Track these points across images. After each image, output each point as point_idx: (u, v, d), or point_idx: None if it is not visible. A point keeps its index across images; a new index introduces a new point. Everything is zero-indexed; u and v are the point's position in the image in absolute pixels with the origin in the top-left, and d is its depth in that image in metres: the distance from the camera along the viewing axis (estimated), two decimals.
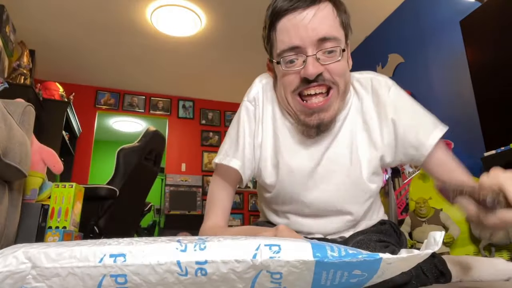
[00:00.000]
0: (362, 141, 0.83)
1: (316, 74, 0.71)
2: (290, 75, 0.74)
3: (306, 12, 0.71)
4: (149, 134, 2.22)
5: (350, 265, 0.38)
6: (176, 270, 0.36)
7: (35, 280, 0.36)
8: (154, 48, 3.76)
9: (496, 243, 1.31)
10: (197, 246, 0.38)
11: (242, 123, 0.87)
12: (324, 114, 0.74)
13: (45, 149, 1.44)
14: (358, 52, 3.74)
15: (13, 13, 2.96)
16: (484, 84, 1.97)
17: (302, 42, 0.71)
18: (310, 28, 0.70)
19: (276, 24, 0.74)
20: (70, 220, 1.26)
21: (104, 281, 0.36)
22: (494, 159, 1.79)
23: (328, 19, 0.73)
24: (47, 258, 0.37)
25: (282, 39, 0.73)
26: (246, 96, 0.89)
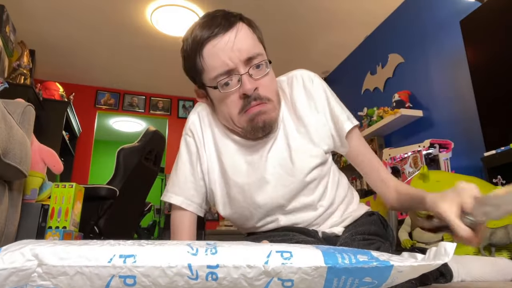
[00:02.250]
0: (298, 139, 0.87)
1: (253, 89, 0.76)
2: (230, 97, 0.78)
3: (227, 36, 0.76)
4: (149, 134, 2.21)
5: (362, 271, 0.38)
6: (187, 273, 0.36)
7: (41, 278, 0.35)
8: (154, 48, 3.76)
9: (496, 243, 1.30)
10: (208, 250, 0.37)
11: (181, 158, 0.92)
12: (265, 116, 0.79)
13: (45, 149, 1.44)
14: (358, 52, 3.74)
15: (13, 13, 2.96)
16: (484, 84, 1.97)
17: (233, 63, 0.75)
18: (236, 49, 0.75)
19: (201, 51, 0.78)
20: (70, 220, 1.26)
21: (112, 281, 0.35)
22: (494, 159, 1.79)
23: (248, 38, 0.78)
24: (55, 256, 0.36)
25: (212, 64, 0.77)
26: (184, 130, 0.95)
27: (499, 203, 0.57)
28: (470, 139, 2.24)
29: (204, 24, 0.79)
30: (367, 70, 3.50)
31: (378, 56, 3.34)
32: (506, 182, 1.65)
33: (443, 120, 2.54)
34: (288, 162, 0.85)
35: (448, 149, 2.10)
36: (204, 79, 0.82)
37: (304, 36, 3.52)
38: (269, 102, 0.80)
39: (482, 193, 0.59)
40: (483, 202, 0.58)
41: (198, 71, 0.82)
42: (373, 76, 3.39)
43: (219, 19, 0.78)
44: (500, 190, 0.59)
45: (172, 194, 0.91)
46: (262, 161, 0.86)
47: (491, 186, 1.55)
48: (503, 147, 1.76)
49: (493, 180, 1.67)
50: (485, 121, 1.93)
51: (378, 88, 3.30)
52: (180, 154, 0.93)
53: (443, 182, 1.59)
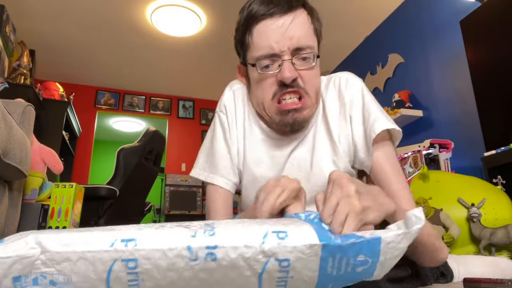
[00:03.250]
0: (324, 144, 0.82)
1: (292, 78, 0.72)
2: (267, 80, 0.75)
3: (283, 19, 0.72)
4: (149, 134, 2.22)
5: (354, 248, 0.39)
6: (187, 255, 0.36)
7: (45, 265, 0.36)
8: (154, 48, 3.76)
9: (496, 243, 1.30)
10: (206, 232, 0.38)
11: (216, 135, 0.88)
12: (298, 114, 0.75)
13: (45, 149, 1.44)
14: (358, 52, 3.74)
15: (13, 13, 2.96)
16: (484, 84, 1.97)
17: (279, 49, 0.72)
18: (288, 36, 0.71)
19: (252, 28, 0.75)
20: (70, 220, 1.26)
21: (115, 265, 0.36)
22: (494, 159, 1.79)
23: (303, 27, 0.74)
24: (58, 242, 0.37)
25: (259, 44, 0.74)
26: (218, 106, 0.90)
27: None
28: (470, 139, 2.24)
29: (262, 0, 0.74)
30: (367, 70, 3.50)
31: (378, 56, 3.34)
32: (506, 182, 1.65)
33: (443, 120, 2.54)
34: (308, 167, 0.81)
35: (448, 149, 2.10)
36: (247, 56, 0.78)
37: None
38: (307, 96, 0.75)
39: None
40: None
41: (244, 46, 0.78)
42: (373, 76, 3.39)
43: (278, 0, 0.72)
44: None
45: (209, 173, 0.87)
46: (283, 158, 0.83)
47: (491, 186, 1.55)
48: (503, 147, 1.76)
49: (493, 180, 1.67)
50: (485, 121, 1.93)
51: (378, 88, 3.30)
52: (215, 131, 0.89)
53: (443, 182, 1.59)
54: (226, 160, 0.86)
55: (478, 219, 1.34)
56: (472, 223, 1.36)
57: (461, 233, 1.37)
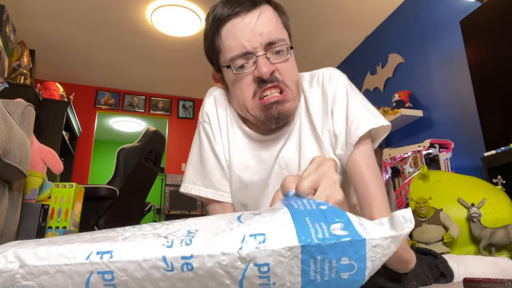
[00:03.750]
0: (309, 142, 0.80)
1: (269, 73, 0.70)
2: (244, 79, 0.73)
3: (249, 16, 0.71)
4: (149, 134, 2.22)
5: (336, 249, 0.37)
6: (162, 265, 0.36)
7: (24, 279, 0.37)
8: (154, 48, 3.76)
9: (496, 243, 1.30)
10: (183, 242, 0.38)
11: (204, 146, 0.86)
12: (282, 106, 0.73)
13: (45, 149, 1.44)
14: (358, 52, 3.74)
15: (13, 13, 2.96)
16: (484, 84, 1.97)
17: (251, 46, 0.70)
18: (257, 32, 0.70)
19: (220, 30, 0.74)
20: (70, 220, 1.26)
21: (91, 278, 0.36)
22: (494, 159, 1.79)
23: (271, 22, 0.73)
24: (36, 256, 0.37)
25: (230, 45, 0.72)
26: (200, 117, 0.88)
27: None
28: (470, 139, 2.24)
29: (227, 1, 0.74)
30: (367, 70, 3.50)
31: (378, 56, 3.34)
32: (506, 182, 1.65)
33: (443, 120, 2.54)
34: (296, 167, 0.79)
35: (448, 149, 2.10)
36: (220, 60, 0.77)
37: (304, 35, 3.51)
38: (287, 88, 0.73)
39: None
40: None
41: (215, 51, 0.77)
42: (373, 76, 3.39)
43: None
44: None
45: (202, 187, 0.85)
46: (270, 160, 0.81)
47: (491, 186, 1.55)
48: (503, 147, 1.76)
49: (493, 180, 1.67)
50: (485, 121, 1.93)
51: (378, 88, 3.30)
52: (201, 142, 0.87)
53: (443, 182, 1.59)
54: (218, 172, 0.84)
55: (478, 219, 1.34)
56: (472, 223, 1.36)
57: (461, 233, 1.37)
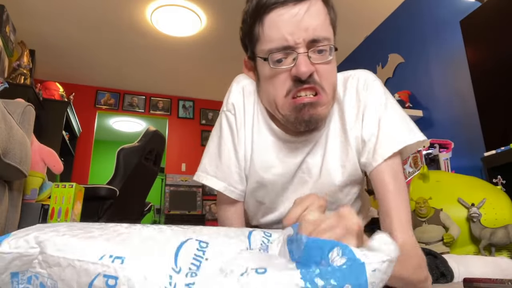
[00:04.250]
0: (335, 148, 0.77)
1: (309, 73, 0.65)
2: (280, 75, 0.68)
3: (298, 8, 0.65)
4: (149, 134, 2.22)
5: (337, 274, 0.34)
6: (166, 286, 0.35)
7: (40, 265, 0.37)
8: (154, 48, 3.76)
9: (496, 243, 1.30)
10: (188, 274, 0.37)
11: (224, 137, 0.81)
12: (314, 110, 0.68)
13: (45, 149, 1.44)
14: (358, 52, 3.74)
15: (13, 13, 2.96)
16: (484, 84, 1.97)
17: (293, 41, 0.65)
18: (303, 27, 0.65)
19: (263, 18, 0.68)
20: (70, 220, 1.26)
21: (96, 280, 0.36)
22: (494, 159, 1.79)
23: (319, 17, 0.67)
24: (55, 246, 0.37)
25: (271, 35, 0.67)
26: (225, 105, 0.83)
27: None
28: (470, 139, 2.24)
29: None
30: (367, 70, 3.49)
31: (378, 56, 3.34)
32: (506, 182, 1.65)
33: (443, 120, 2.54)
34: (317, 174, 0.76)
35: (448, 149, 2.10)
36: (256, 49, 0.71)
37: None
38: (323, 92, 0.68)
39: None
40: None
41: (253, 38, 0.71)
42: None
43: None
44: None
45: (214, 178, 0.81)
46: (294, 165, 0.77)
47: (491, 186, 1.55)
48: (503, 147, 1.76)
49: (493, 180, 1.67)
50: (485, 121, 1.93)
51: None
52: (222, 133, 0.81)
53: (443, 182, 1.59)
54: (234, 167, 0.80)
55: (478, 219, 1.34)
56: (472, 223, 1.36)
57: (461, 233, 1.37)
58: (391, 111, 0.74)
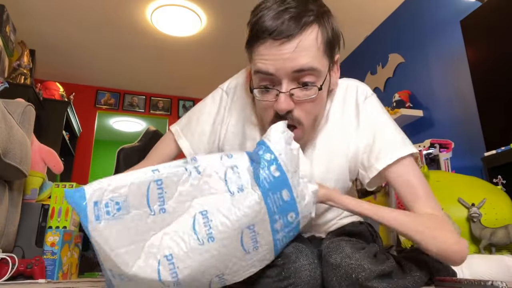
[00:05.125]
0: (322, 156, 0.80)
1: (286, 110, 0.70)
2: (265, 104, 0.73)
3: (287, 45, 0.66)
4: (149, 134, 2.21)
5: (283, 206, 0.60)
6: (185, 173, 0.59)
7: (112, 192, 0.54)
8: (154, 48, 3.76)
9: (496, 243, 1.30)
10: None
11: (208, 108, 0.88)
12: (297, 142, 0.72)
13: (45, 149, 1.44)
14: (358, 52, 3.74)
15: (13, 13, 2.96)
16: (485, 83, 1.97)
17: (276, 72, 0.68)
18: (288, 58, 0.67)
19: (256, 46, 0.70)
20: (70, 220, 1.26)
21: (150, 185, 0.55)
22: (494, 159, 1.79)
23: (310, 51, 0.68)
24: (118, 179, 0.55)
25: (257, 63, 0.70)
26: (226, 84, 0.89)
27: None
28: (470, 139, 2.24)
29: (273, 11, 0.67)
30: (367, 70, 3.50)
31: (378, 56, 3.34)
32: (506, 182, 1.65)
33: (444, 120, 2.54)
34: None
35: (448, 149, 2.10)
36: (252, 65, 0.75)
37: None
38: (300, 126, 0.73)
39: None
40: None
41: (250, 54, 0.75)
42: (374, 76, 3.39)
43: (288, 15, 0.66)
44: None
45: (182, 135, 0.90)
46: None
47: (491, 186, 1.55)
48: (504, 147, 1.76)
49: (494, 180, 1.67)
50: (486, 121, 1.93)
51: (378, 88, 3.30)
52: (211, 104, 0.88)
53: (443, 182, 1.59)
54: (205, 137, 0.87)
55: (478, 219, 1.34)
56: (472, 223, 1.36)
57: (461, 233, 1.37)
58: (387, 125, 0.79)
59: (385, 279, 0.62)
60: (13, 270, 0.97)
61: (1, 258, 0.97)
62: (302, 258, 0.64)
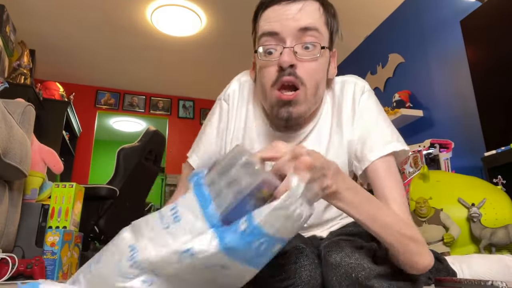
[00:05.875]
0: (332, 145, 0.80)
1: (290, 63, 0.69)
2: (269, 67, 0.73)
3: (291, 6, 0.71)
4: (149, 134, 2.22)
5: (248, 244, 0.44)
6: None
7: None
8: (154, 48, 3.76)
9: (496, 243, 1.30)
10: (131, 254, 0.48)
11: (211, 121, 0.90)
12: (292, 108, 0.72)
13: (45, 149, 1.44)
14: (358, 52, 3.74)
15: (13, 13, 2.96)
16: (485, 83, 1.97)
17: (281, 30, 0.70)
18: (292, 18, 0.70)
19: (261, 14, 0.75)
20: (70, 220, 1.26)
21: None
22: (495, 159, 1.79)
23: (313, 14, 0.72)
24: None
25: (263, 26, 0.74)
26: (223, 94, 0.90)
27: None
28: (470, 139, 2.24)
29: None
30: (367, 70, 3.50)
31: (378, 56, 3.34)
32: (506, 182, 1.65)
33: (444, 120, 2.54)
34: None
35: (448, 149, 2.10)
36: (256, 44, 0.77)
37: None
38: (302, 87, 0.71)
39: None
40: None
41: (254, 35, 0.78)
42: (374, 76, 3.39)
43: None
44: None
45: (193, 153, 0.91)
46: None
47: (491, 186, 1.55)
48: (504, 147, 1.76)
49: (494, 180, 1.67)
50: (486, 121, 1.93)
51: (378, 88, 3.30)
52: (211, 117, 0.90)
53: (443, 182, 1.59)
54: (212, 150, 0.88)
55: (478, 219, 1.34)
56: (472, 223, 1.36)
57: (462, 233, 1.37)
58: (383, 121, 0.78)
59: (385, 278, 0.62)
60: (13, 270, 0.97)
61: (1, 258, 0.97)
62: (302, 258, 0.64)
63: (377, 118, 0.78)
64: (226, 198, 0.47)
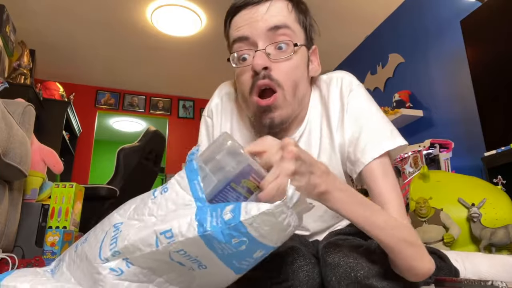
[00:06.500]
0: (324, 150, 0.77)
1: (263, 66, 0.67)
2: (244, 74, 0.71)
3: (258, 7, 0.70)
4: (149, 134, 2.22)
5: (224, 235, 0.44)
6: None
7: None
8: (154, 48, 3.76)
9: (496, 243, 1.30)
10: (112, 242, 0.49)
11: (201, 139, 0.90)
12: (273, 113, 0.69)
13: (45, 149, 1.44)
14: (358, 52, 3.74)
15: (13, 13, 2.95)
16: (485, 83, 1.97)
17: (251, 33, 0.69)
18: (261, 19, 0.69)
19: (230, 22, 0.74)
20: (70, 220, 1.26)
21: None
22: (495, 159, 1.79)
23: (281, 11, 0.70)
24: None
25: (233, 33, 0.72)
26: (206, 109, 0.91)
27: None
28: (470, 139, 2.24)
29: None
30: (367, 70, 3.50)
31: (378, 56, 3.34)
32: (506, 182, 1.65)
33: (444, 120, 2.54)
34: None
35: (448, 149, 2.10)
36: (230, 40, 0.74)
37: None
38: (280, 89, 0.68)
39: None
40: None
41: (228, 37, 0.75)
42: (374, 76, 3.39)
43: None
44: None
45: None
46: None
47: (491, 186, 1.55)
48: (504, 147, 1.76)
49: (494, 180, 1.67)
50: (486, 121, 1.93)
51: (378, 88, 3.30)
52: (200, 135, 0.90)
53: (443, 182, 1.59)
54: None
55: (479, 219, 1.34)
56: (472, 223, 1.36)
57: (462, 233, 1.37)
58: (374, 117, 0.73)
59: (384, 276, 0.61)
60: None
61: (1, 258, 0.97)
62: (299, 259, 0.64)
63: (368, 117, 0.73)
64: (211, 182, 0.48)
